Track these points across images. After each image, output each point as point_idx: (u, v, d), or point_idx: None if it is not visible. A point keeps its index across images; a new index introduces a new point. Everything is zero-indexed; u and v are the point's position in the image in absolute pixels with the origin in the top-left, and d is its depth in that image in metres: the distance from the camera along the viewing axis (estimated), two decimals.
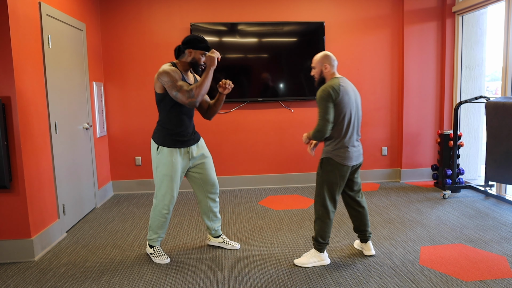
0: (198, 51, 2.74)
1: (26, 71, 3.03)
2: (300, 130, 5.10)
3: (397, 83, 5.18)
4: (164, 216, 2.88)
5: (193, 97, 2.63)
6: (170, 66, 2.72)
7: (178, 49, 2.79)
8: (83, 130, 4.09)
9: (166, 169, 2.78)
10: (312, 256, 2.82)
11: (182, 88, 2.64)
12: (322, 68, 2.73)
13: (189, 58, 2.76)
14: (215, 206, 3.10)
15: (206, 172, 2.98)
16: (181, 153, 2.82)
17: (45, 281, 2.69)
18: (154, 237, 2.96)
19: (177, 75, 2.67)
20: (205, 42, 2.75)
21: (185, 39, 2.75)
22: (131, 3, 4.77)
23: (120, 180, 4.99)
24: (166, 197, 2.83)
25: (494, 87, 6.87)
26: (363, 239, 2.96)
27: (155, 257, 2.96)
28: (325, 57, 2.72)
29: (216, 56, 2.71)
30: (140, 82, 4.87)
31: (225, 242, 3.17)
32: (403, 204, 4.23)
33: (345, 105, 2.62)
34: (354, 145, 2.72)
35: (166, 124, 2.78)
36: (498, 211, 3.89)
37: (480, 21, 4.92)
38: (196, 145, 2.91)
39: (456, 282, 2.53)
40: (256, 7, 4.90)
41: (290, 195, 4.70)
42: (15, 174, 2.92)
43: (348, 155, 2.67)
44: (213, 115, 2.99)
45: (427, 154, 5.25)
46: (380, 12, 5.05)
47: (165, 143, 2.77)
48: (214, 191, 3.05)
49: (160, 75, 2.65)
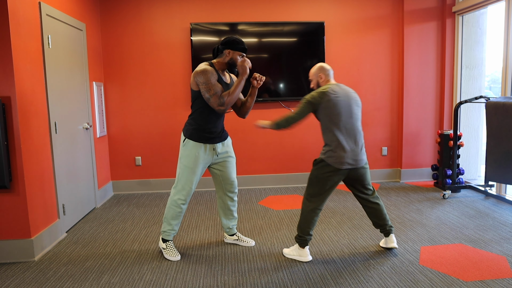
0: (236, 52, 2.83)
1: (26, 71, 3.03)
2: (300, 130, 5.11)
3: (397, 83, 5.18)
4: (180, 206, 2.94)
5: (223, 105, 2.75)
6: (208, 65, 2.81)
7: (216, 49, 2.88)
8: (83, 130, 4.09)
9: (188, 161, 2.88)
10: (294, 250, 2.95)
11: (216, 94, 2.75)
12: (318, 79, 2.91)
13: (227, 58, 2.84)
14: (233, 205, 3.18)
15: (227, 171, 3.07)
16: (206, 149, 2.91)
17: (45, 281, 2.69)
18: (167, 229, 3.01)
19: (213, 76, 2.76)
20: (243, 44, 2.85)
21: (224, 39, 2.84)
22: (131, 3, 4.77)
23: (120, 180, 4.99)
24: (185, 188, 2.92)
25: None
26: (385, 232, 3.02)
27: (167, 253, 3.01)
28: (319, 69, 2.91)
29: (248, 65, 2.79)
30: (140, 82, 4.87)
31: (240, 239, 3.25)
32: (403, 204, 4.24)
33: (330, 109, 2.71)
34: (350, 149, 2.75)
35: (197, 119, 2.88)
36: (498, 211, 3.89)
37: (480, 21, 4.92)
38: (222, 143, 3.01)
39: (456, 282, 2.53)
40: (256, 7, 4.90)
41: (290, 195, 4.70)
42: (15, 174, 2.92)
43: (339, 160, 2.73)
44: (247, 112, 3.05)
45: (427, 154, 5.25)
46: (380, 12, 5.05)
47: (192, 137, 2.87)
48: (232, 190, 3.13)
49: (197, 74, 2.75)
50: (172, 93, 4.91)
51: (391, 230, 3.00)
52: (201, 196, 4.76)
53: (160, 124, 4.95)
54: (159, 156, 4.99)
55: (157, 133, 4.96)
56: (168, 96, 4.91)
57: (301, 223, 2.87)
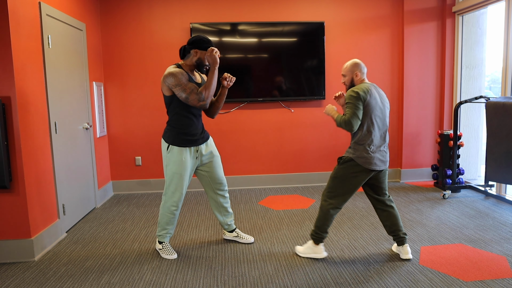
0: (204, 52, 2.79)
1: (26, 71, 3.03)
2: (300, 130, 5.11)
3: (397, 83, 5.18)
4: (173, 213, 2.96)
5: (203, 99, 2.73)
6: (175, 67, 2.78)
7: (183, 50, 2.85)
8: (83, 130, 4.09)
9: (176, 167, 2.86)
10: (308, 247, 2.92)
11: (192, 91, 2.72)
12: (353, 76, 2.79)
13: (195, 58, 2.82)
14: (225, 201, 3.19)
15: (214, 171, 3.07)
16: (191, 152, 2.90)
17: (45, 281, 2.69)
18: (163, 233, 3.04)
19: (183, 77, 2.73)
20: (210, 43, 2.81)
21: (190, 39, 2.81)
22: (131, 3, 4.77)
23: (120, 180, 4.99)
24: (175, 194, 2.92)
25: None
26: (399, 241, 2.87)
27: (163, 252, 3.03)
28: (355, 65, 2.78)
29: (217, 54, 2.75)
30: (140, 82, 4.87)
31: (239, 236, 3.27)
32: (403, 204, 4.23)
33: (370, 108, 2.67)
34: (379, 150, 2.72)
35: (176, 124, 2.85)
36: (498, 211, 3.89)
37: (480, 21, 4.92)
38: (205, 144, 3.00)
39: (456, 282, 2.53)
40: (256, 7, 4.90)
41: (290, 195, 4.70)
42: (15, 174, 2.92)
43: (369, 160, 2.69)
44: (216, 112, 3.03)
45: (427, 154, 5.25)
46: (380, 12, 5.05)
47: (175, 142, 2.85)
48: (222, 188, 3.14)
49: (166, 77, 2.71)
50: None
51: (405, 239, 2.86)
52: (201, 196, 4.76)
53: (160, 124, 4.95)
54: (159, 156, 4.99)
55: (157, 133, 4.96)
56: None
57: (319, 220, 2.83)
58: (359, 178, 2.72)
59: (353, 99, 2.65)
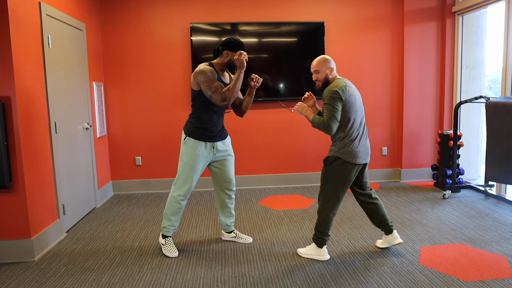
0: (235, 53, 2.88)
1: (26, 71, 3.03)
2: (300, 130, 5.11)
3: (397, 83, 5.18)
4: (179, 203, 3.01)
5: (226, 100, 2.82)
6: (207, 65, 2.89)
7: (216, 50, 2.95)
8: (83, 130, 4.09)
9: (189, 158, 2.93)
10: (311, 249, 2.93)
11: (217, 91, 2.81)
12: (327, 71, 2.77)
13: (226, 59, 2.91)
14: (231, 202, 3.24)
15: (226, 169, 3.13)
16: (206, 147, 2.98)
17: (45, 281, 2.69)
18: (167, 225, 3.06)
19: (213, 75, 2.84)
20: (243, 46, 2.90)
21: (224, 41, 2.91)
22: (131, 3, 4.77)
23: (120, 180, 4.99)
24: (185, 185, 2.98)
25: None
26: (388, 230, 2.97)
27: (165, 248, 3.06)
28: (328, 60, 2.78)
29: (245, 58, 2.83)
30: (140, 82, 4.87)
31: (238, 237, 3.30)
32: (403, 204, 4.24)
33: (351, 105, 2.69)
34: (362, 144, 2.76)
35: (197, 118, 2.95)
36: (498, 211, 3.89)
37: (480, 21, 4.92)
38: (222, 141, 3.07)
39: (456, 282, 2.53)
40: (256, 7, 4.90)
41: (290, 195, 4.70)
42: (15, 174, 2.92)
43: (355, 154, 2.72)
44: (244, 111, 3.10)
45: (427, 154, 5.25)
46: (380, 12, 5.05)
47: (192, 135, 2.94)
48: (230, 188, 3.19)
49: (197, 74, 2.83)
50: (172, 93, 4.91)
51: (393, 226, 2.98)
52: (201, 196, 4.76)
53: (160, 124, 4.95)
54: (159, 156, 4.99)
55: (157, 133, 4.96)
56: (168, 96, 4.91)
57: (319, 225, 2.84)
58: (350, 175, 2.76)
59: (332, 100, 2.63)
